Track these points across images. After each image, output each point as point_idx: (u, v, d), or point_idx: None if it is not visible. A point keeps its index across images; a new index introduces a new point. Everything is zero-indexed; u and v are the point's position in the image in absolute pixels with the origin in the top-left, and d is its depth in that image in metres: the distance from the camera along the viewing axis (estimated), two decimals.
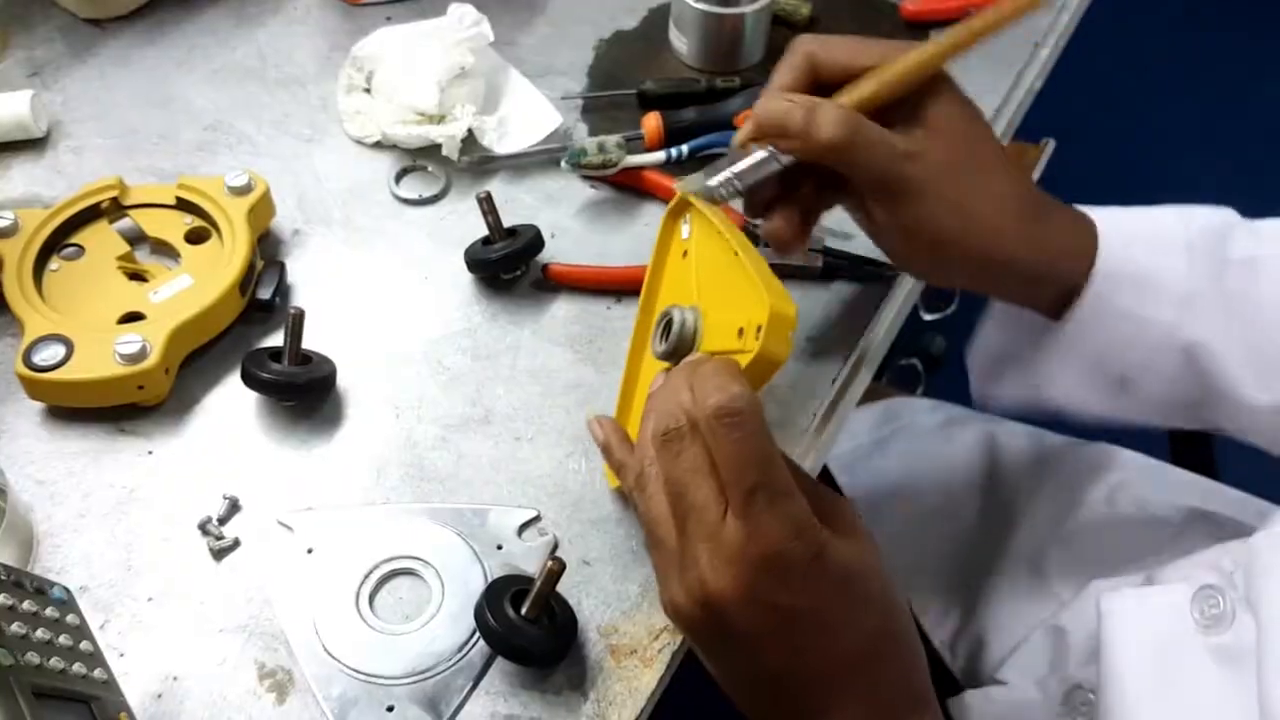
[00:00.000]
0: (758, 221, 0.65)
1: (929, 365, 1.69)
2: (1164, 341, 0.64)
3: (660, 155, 0.81)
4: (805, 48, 0.61)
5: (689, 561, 0.49)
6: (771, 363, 0.52)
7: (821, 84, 0.61)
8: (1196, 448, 1.05)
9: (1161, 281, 0.63)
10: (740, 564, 0.48)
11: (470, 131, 0.82)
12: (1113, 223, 0.64)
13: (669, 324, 0.58)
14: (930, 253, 0.62)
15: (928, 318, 1.49)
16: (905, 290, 0.77)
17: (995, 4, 0.60)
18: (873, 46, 0.61)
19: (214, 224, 0.74)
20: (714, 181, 0.61)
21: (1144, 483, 0.88)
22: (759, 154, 0.61)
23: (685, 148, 0.81)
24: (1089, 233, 0.63)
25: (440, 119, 0.82)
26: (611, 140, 0.80)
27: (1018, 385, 0.71)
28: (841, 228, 0.79)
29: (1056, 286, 0.64)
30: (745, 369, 0.51)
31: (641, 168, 0.81)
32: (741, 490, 0.47)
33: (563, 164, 0.80)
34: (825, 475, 0.97)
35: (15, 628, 0.49)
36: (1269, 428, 0.66)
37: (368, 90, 0.86)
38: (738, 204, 0.65)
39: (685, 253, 0.64)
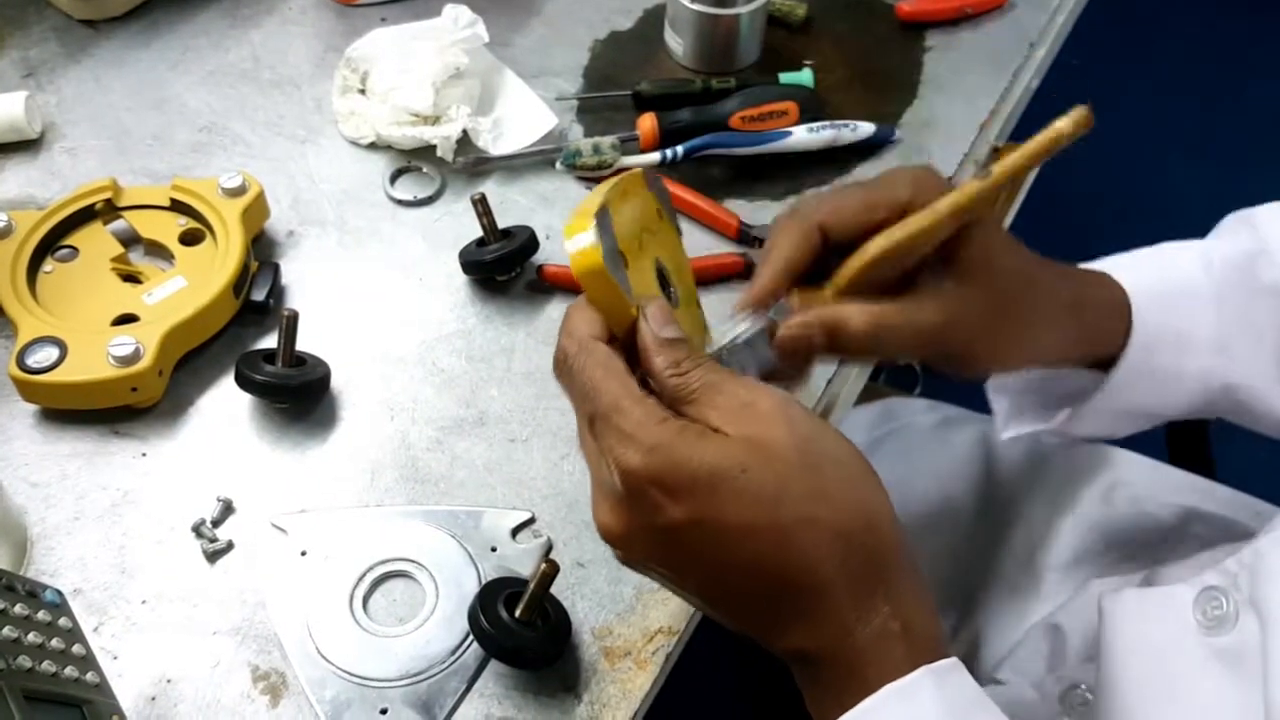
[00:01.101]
0: None
1: (925, 365, 1.69)
2: (1201, 386, 0.65)
3: (655, 156, 0.81)
4: (816, 218, 0.55)
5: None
6: (584, 275, 0.49)
7: (831, 246, 0.56)
8: (1194, 447, 1.05)
9: (1194, 336, 0.64)
10: (604, 497, 0.48)
11: (465, 133, 0.82)
12: (1138, 281, 0.63)
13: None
14: (983, 377, 0.63)
15: None
16: None
17: (1031, 139, 0.53)
18: (888, 195, 0.55)
19: (208, 225, 0.74)
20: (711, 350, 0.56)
21: (1141, 482, 0.88)
22: (756, 325, 0.56)
23: (680, 149, 0.81)
24: (1121, 301, 0.63)
25: (435, 120, 0.82)
26: (606, 141, 0.80)
27: (1044, 423, 0.71)
28: None
29: (1094, 357, 0.64)
30: (585, 293, 0.50)
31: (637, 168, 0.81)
32: (585, 424, 0.48)
33: (558, 165, 0.80)
34: None
35: (7, 631, 0.48)
36: None
37: (362, 91, 0.85)
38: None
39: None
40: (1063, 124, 0.51)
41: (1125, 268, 0.64)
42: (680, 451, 0.45)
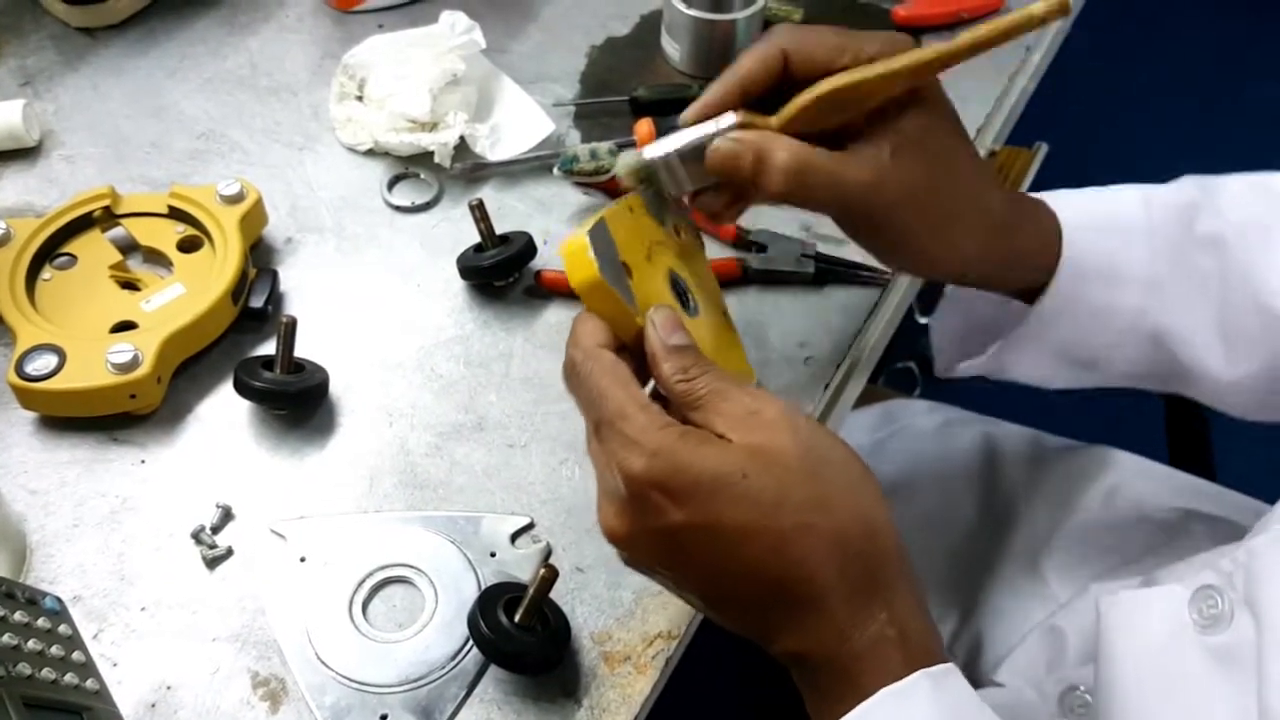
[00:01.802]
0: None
1: (925, 368, 1.69)
2: (1131, 326, 0.65)
3: None
4: (781, 41, 0.56)
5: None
6: (582, 288, 0.51)
7: (793, 79, 0.57)
8: (1194, 449, 1.05)
9: (1125, 270, 0.64)
10: (609, 500, 0.49)
11: (462, 139, 0.82)
12: (1075, 213, 0.64)
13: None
14: (898, 265, 0.63)
15: (923, 320, 1.49)
16: (899, 296, 0.78)
17: (1000, 15, 0.56)
18: (856, 44, 0.56)
19: (206, 233, 0.74)
20: (650, 155, 0.57)
21: (1141, 484, 0.88)
22: (696, 135, 0.56)
23: None
24: (1055, 229, 0.63)
25: (432, 126, 0.82)
26: (604, 147, 0.80)
27: (982, 364, 0.72)
28: (834, 234, 0.79)
29: (1024, 282, 0.65)
30: (587, 305, 0.52)
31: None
32: (593, 430, 0.50)
33: (555, 170, 0.80)
34: None
35: (7, 639, 0.49)
36: (1236, 398, 0.68)
37: (360, 98, 0.86)
38: None
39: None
40: (1037, 7, 0.52)
41: (1063, 199, 0.65)
42: (682, 456, 0.46)
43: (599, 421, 0.49)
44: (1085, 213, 0.64)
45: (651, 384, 0.52)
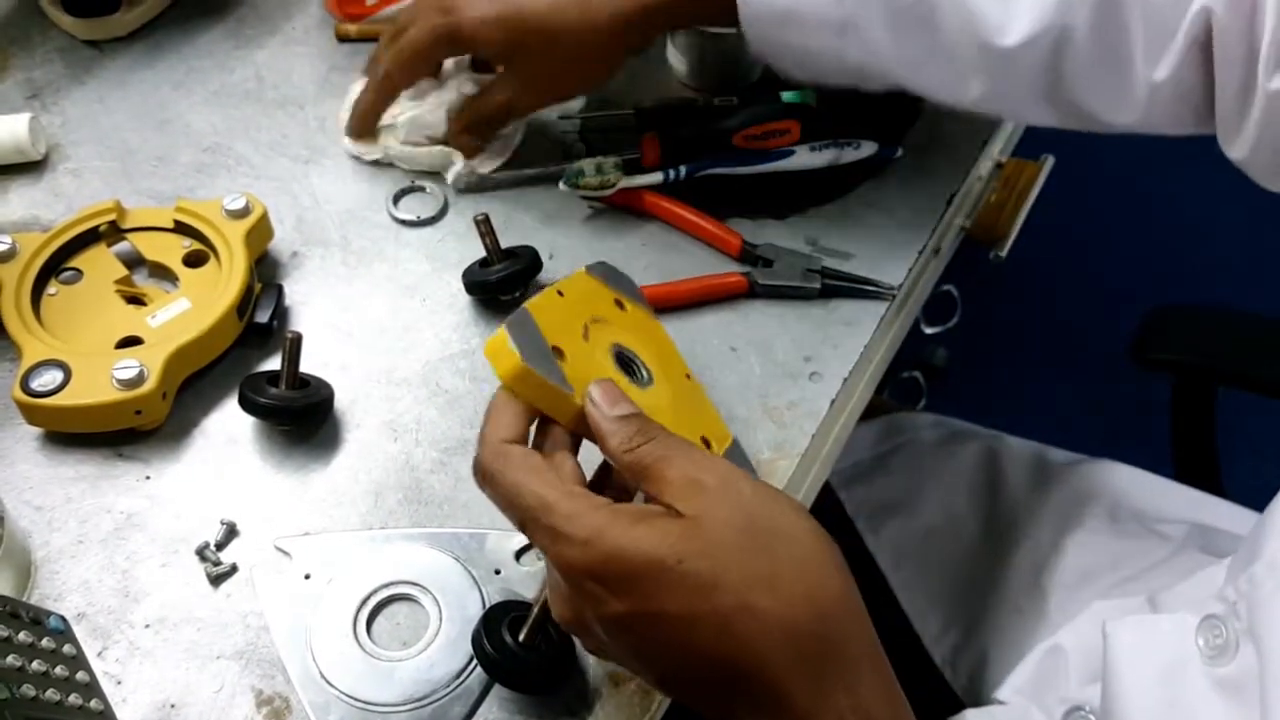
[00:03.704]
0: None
1: (931, 377, 1.69)
2: (835, 60, 0.71)
3: (658, 176, 0.81)
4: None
5: None
6: (507, 378, 0.51)
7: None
8: (1200, 463, 1.05)
9: (808, 18, 0.68)
10: (554, 589, 0.49)
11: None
12: None
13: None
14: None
15: (929, 331, 1.49)
16: (905, 311, 0.77)
17: None
18: None
19: (212, 247, 0.75)
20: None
21: (1146, 499, 0.88)
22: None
23: (684, 169, 0.81)
24: None
25: (443, 143, 0.82)
26: (609, 161, 0.80)
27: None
28: (841, 248, 0.79)
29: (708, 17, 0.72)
30: (520, 397, 0.52)
31: (640, 188, 0.81)
32: (519, 529, 0.49)
33: (561, 185, 0.80)
34: (826, 492, 0.97)
35: (11, 660, 0.49)
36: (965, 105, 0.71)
37: None
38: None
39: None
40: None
41: None
42: (614, 542, 0.45)
43: (523, 520, 0.48)
44: None
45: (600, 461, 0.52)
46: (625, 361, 0.58)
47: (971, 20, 0.65)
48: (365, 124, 0.82)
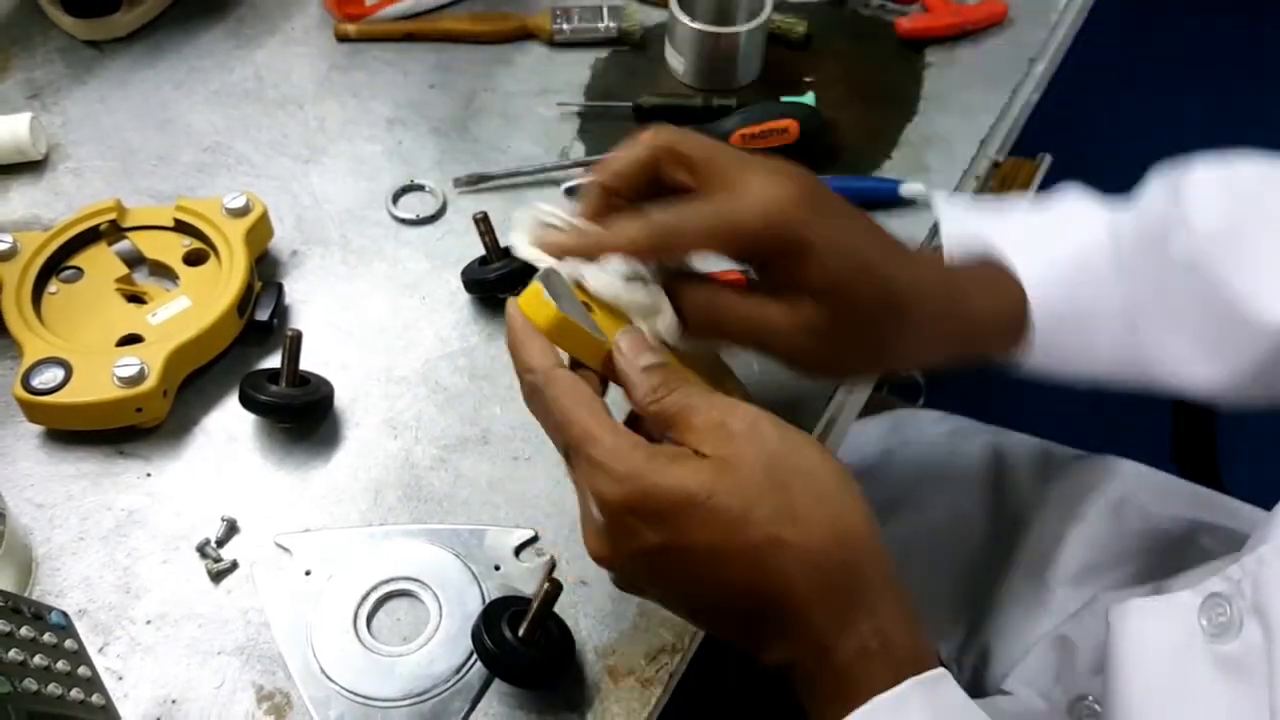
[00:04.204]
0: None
1: (929, 375, 1.69)
2: (1113, 359, 0.65)
3: None
4: (655, 142, 0.55)
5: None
6: (547, 328, 0.51)
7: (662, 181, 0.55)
8: (1202, 459, 1.05)
9: (1101, 315, 0.63)
10: (589, 523, 0.50)
11: None
12: (1036, 265, 0.62)
13: None
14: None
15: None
16: None
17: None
18: (724, 158, 0.54)
19: (212, 246, 0.75)
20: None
21: (1149, 495, 0.88)
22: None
23: None
24: (1013, 293, 0.61)
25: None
26: None
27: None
28: None
29: (998, 347, 0.63)
30: (557, 344, 0.52)
31: None
32: (562, 454, 0.50)
33: (562, 190, 0.81)
34: None
35: (13, 654, 0.49)
36: (1225, 398, 0.66)
37: None
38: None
39: None
40: None
41: (1020, 246, 0.62)
42: (649, 479, 0.46)
43: (567, 447, 0.49)
44: (1044, 262, 0.62)
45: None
46: None
47: (1236, 296, 0.62)
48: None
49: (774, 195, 0.52)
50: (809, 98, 0.88)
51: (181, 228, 0.76)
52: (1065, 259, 0.63)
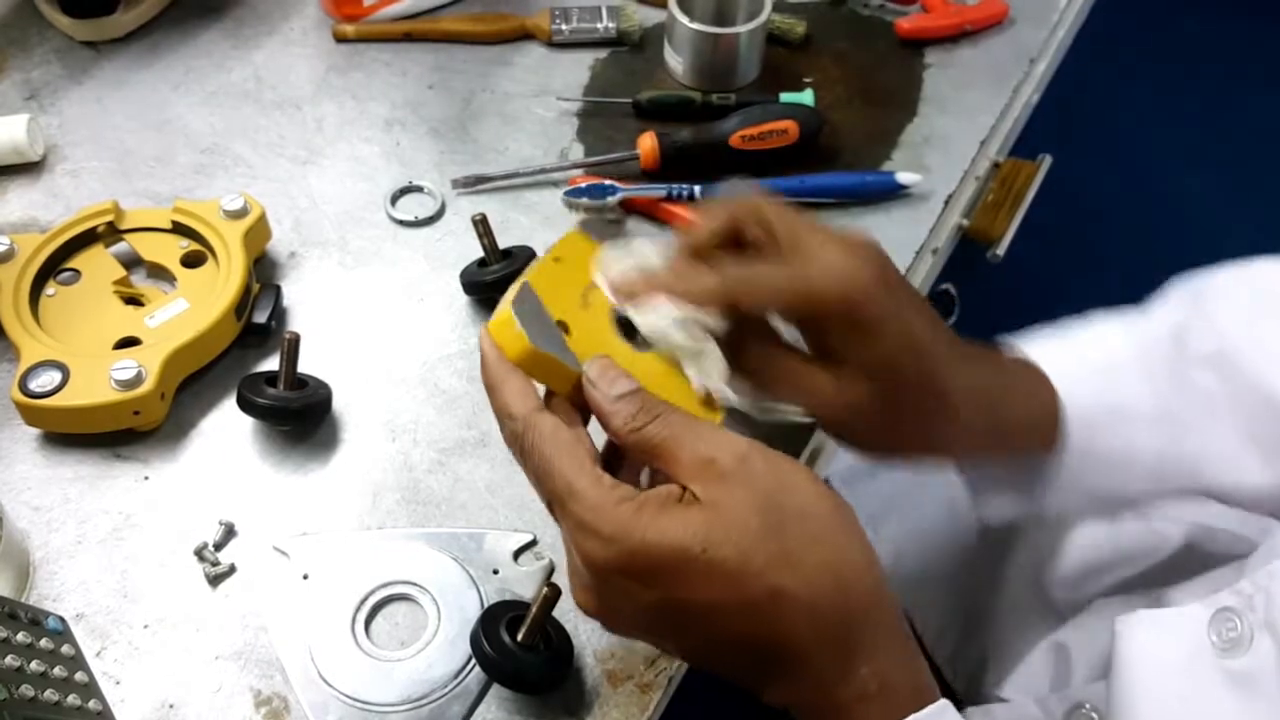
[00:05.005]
0: None
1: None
2: (1156, 464, 0.63)
3: (661, 190, 0.81)
4: (737, 213, 0.55)
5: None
6: (518, 360, 0.50)
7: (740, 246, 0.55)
8: None
9: (1132, 410, 0.62)
10: (576, 575, 0.49)
11: None
12: (1062, 363, 0.61)
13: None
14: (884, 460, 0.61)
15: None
16: None
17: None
18: (807, 237, 0.53)
19: (210, 248, 0.75)
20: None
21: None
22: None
23: (697, 189, 0.81)
24: (1044, 385, 0.61)
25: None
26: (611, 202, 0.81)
27: (1021, 505, 0.68)
28: None
29: (1030, 447, 0.62)
30: (531, 375, 0.50)
31: (641, 198, 0.81)
32: (545, 504, 0.49)
33: (561, 197, 0.81)
34: None
35: (9, 660, 0.49)
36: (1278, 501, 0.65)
37: None
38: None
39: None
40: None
41: (1047, 349, 0.62)
42: (638, 537, 0.45)
43: (550, 499, 0.48)
44: (1075, 363, 0.62)
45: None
46: (625, 325, 0.57)
47: (1269, 390, 0.61)
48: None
49: (853, 269, 0.52)
50: (808, 98, 0.88)
51: (179, 230, 0.76)
52: (1086, 355, 0.63)
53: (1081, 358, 0.63)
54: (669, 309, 0.52)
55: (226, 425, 0.70)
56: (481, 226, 0.73)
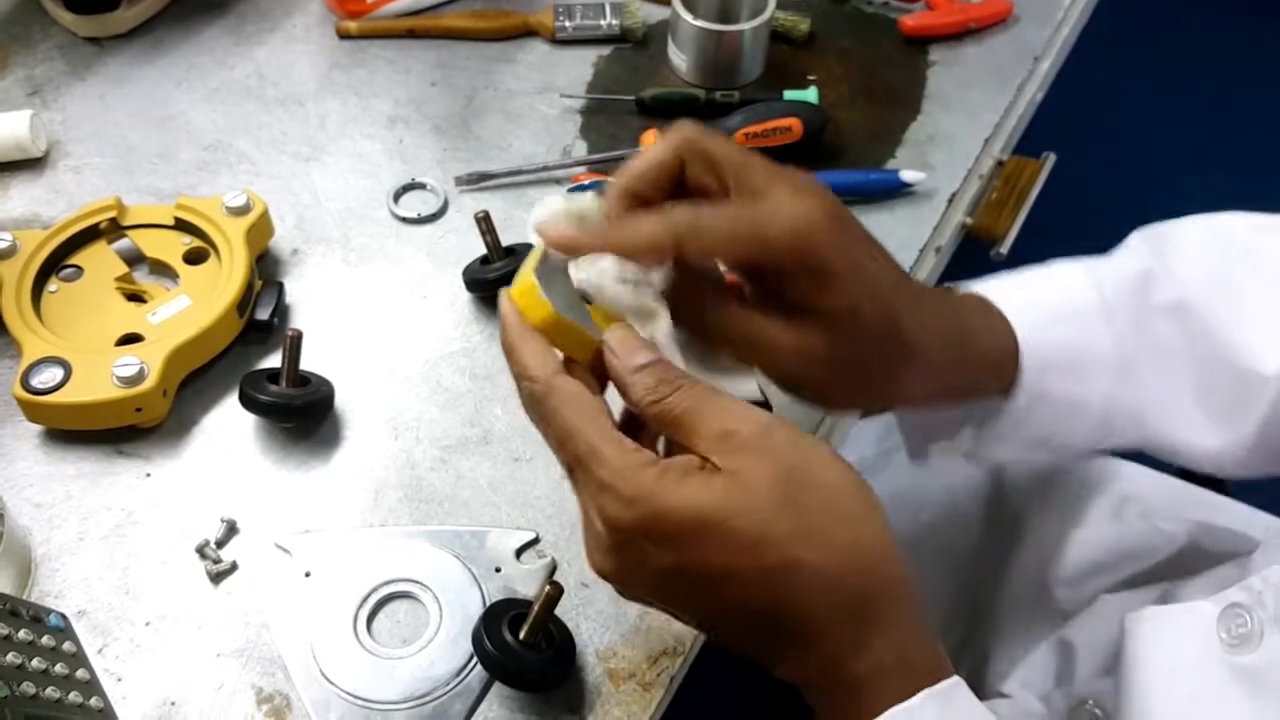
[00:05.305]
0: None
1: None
2: (1105, 411, 0.62)
3: None
4: (676, 143, 0.52)
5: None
6: (542, 327, 0.49)
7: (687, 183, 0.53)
8: None
9: (1090, 358, 0.61)
10: (593, 538, 0.48)
11: None
12: (1024, 309, 0.60)
13: None
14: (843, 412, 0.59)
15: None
16: None
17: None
18: (747, 162, 0.51)
19: (212, 244, 0.74)
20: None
21: (1151, 497, 0.88)
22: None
23: None
24: (1006, 330, 0.59)
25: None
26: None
27: (956, 449, 0.67)
28: None
29: (986, 391, 0.61)
30: (553, 344, 0.50)
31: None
32: (564, 468, 0.48)
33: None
34: None
35: (11, 657, 0.48)
36: (1233, 465, 0.64)
37: None
38: None
39: None
40: None
41: (1006, 291, 0.61)
42: (660, 500, 0.45)
43: (571, 462, 0.48)
44: (1035, 306, 0.61)
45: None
46: None
47: (1229, 348, 0.61)
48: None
49: (804, 211, 0.49)
50: (812, 95, 0.88)
51: (182, 226, 0.76)
52: (1049, 302, 0.61)
53: (1040, 301, 0.61)
54: (610, 263, 0.50)
55: (228, 422, 0.70)
56: (484, 224, 0.73)
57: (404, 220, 0.81)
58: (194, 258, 0.75)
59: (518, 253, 0.74)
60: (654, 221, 0.50)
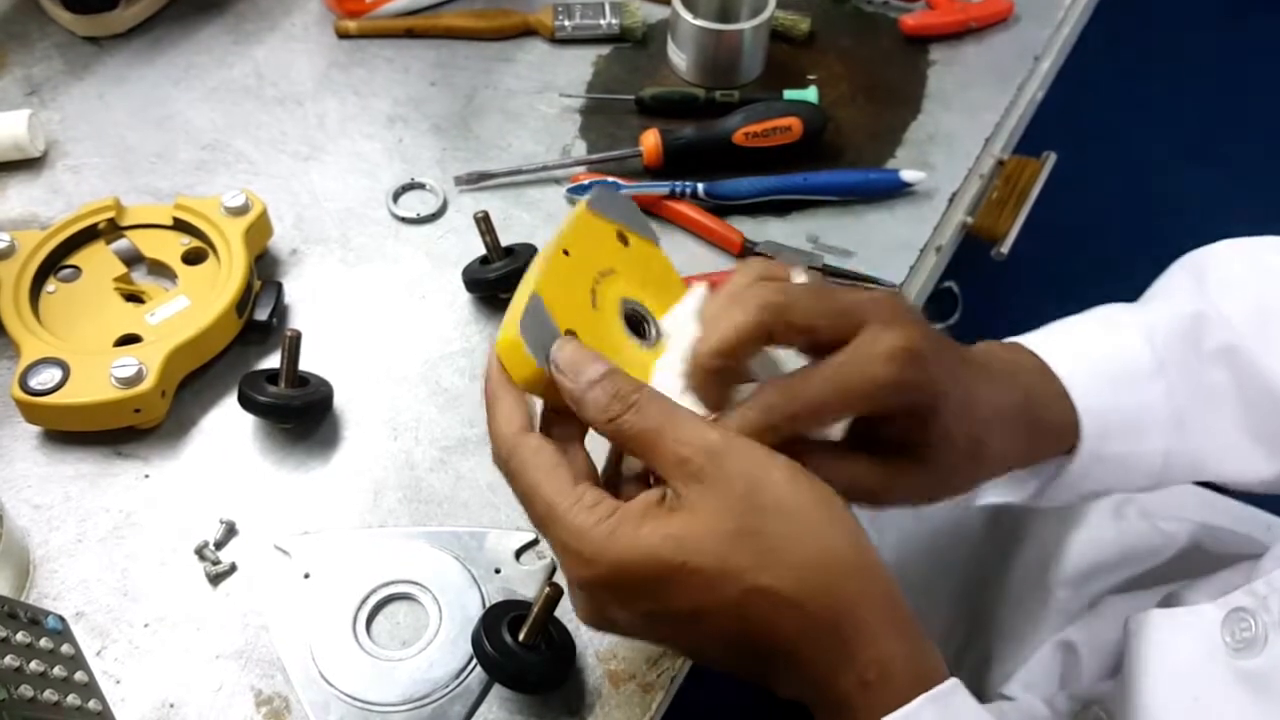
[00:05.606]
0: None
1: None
2: (1163, 462, 0.62)
3: (663, 188, 0.81)
4: (763, 315, 0.49)
5: None
6: (527, 386, 0.49)
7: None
8: None
9: (1147, 418, 0.61)
10: (570, 587, 0.49)
11: None
12: (1080, 372, 0.60)
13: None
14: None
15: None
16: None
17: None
18: (841, 306, 0.49)
19: (211, 244, 0.74)
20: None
21: (1153, 498, 0.88)
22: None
23: (700, 186, 0.80)
24: (1063, 395, 0.59)
25: None
26: None
27: (1014, 496, 0.66)
28: (841, 245, 0.79)
29: (1046, 457, 0.61)
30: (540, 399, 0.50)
31: (644, 195, 0.81)
32: (534, 527, 0.49)
33: (565, 193, 0.81)
34: None
35: (8, 660, 0.48)
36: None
37: None
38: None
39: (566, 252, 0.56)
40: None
41: (1062, 353, 0.60)
42: (614, 555, 0.45)
43: (535, 522, 0.48)
44: (1092, 372, 0.60)
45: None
46: (635, 321, 0.55)
47: (1275, 377, 0.61)
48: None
49: (902, 352, 0.48)
50: (812, 95, 0.88)
51: (180, 226, 0.76)
52: (1104, 366, 0.61)
53: (1097, 366, 0.61)
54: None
55: (227, 423, 0.69)
56: (484, 224, 0.73)
57: (403, 220, 0.81)
58: (192, 258, 0.75)
59: (517, 253, 0.74)
60: (755, 412, 0.49)
